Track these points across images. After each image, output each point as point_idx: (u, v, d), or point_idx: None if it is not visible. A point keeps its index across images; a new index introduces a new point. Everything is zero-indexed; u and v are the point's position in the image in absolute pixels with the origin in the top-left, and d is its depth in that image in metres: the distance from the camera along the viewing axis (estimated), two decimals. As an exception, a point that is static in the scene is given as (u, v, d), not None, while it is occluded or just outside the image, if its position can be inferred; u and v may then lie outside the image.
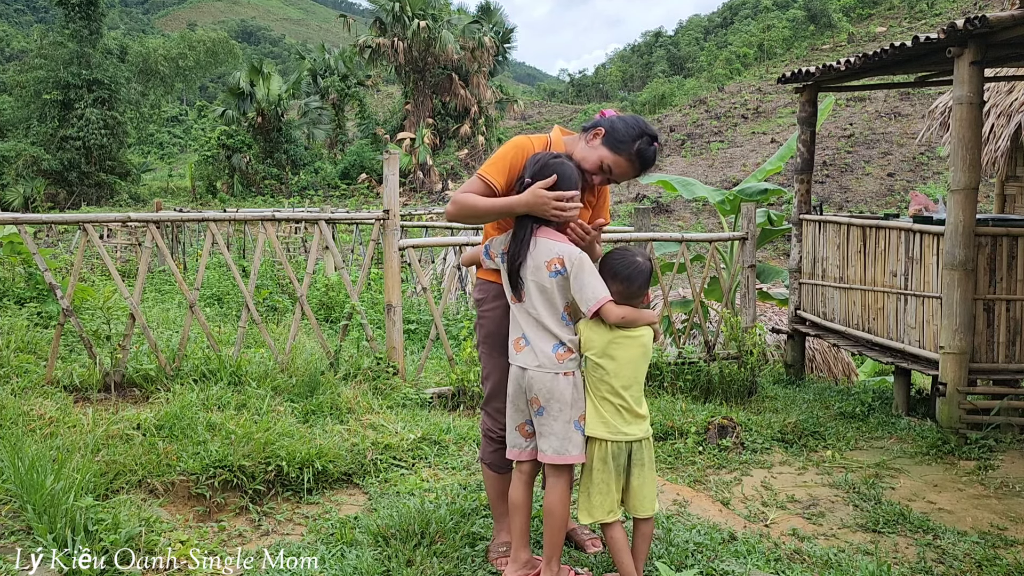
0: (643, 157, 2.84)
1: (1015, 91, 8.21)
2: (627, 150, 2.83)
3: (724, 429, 4.91)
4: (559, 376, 2.72)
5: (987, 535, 3.68)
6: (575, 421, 2.73)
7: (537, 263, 2.72)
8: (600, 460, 2.75)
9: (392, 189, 5.56)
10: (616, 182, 2.94)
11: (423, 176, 40.98)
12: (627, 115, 2.94)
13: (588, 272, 2.69)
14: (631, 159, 2.83)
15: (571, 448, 2.73)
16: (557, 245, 2.73)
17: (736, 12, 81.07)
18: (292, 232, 15.66)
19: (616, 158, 2.84)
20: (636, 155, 2.83)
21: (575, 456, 2.73)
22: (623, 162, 2.84)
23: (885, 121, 37.32)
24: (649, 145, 2.85)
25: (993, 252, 5.39)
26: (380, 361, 5.49)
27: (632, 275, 2.78)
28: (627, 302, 2.78)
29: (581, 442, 2.75)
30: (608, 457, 2.75)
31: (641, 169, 2.88)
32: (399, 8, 40.19)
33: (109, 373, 4.89)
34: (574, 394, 2.74)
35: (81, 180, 39.03)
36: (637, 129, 2.85)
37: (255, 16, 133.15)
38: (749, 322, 6.55)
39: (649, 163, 2.87)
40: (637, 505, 2.81)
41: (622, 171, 2.87)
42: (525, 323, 2.77)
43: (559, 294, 2.73)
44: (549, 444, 2.73)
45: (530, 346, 2.75)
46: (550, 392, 2.71)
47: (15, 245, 7.61)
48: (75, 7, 38.31)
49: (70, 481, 3.00)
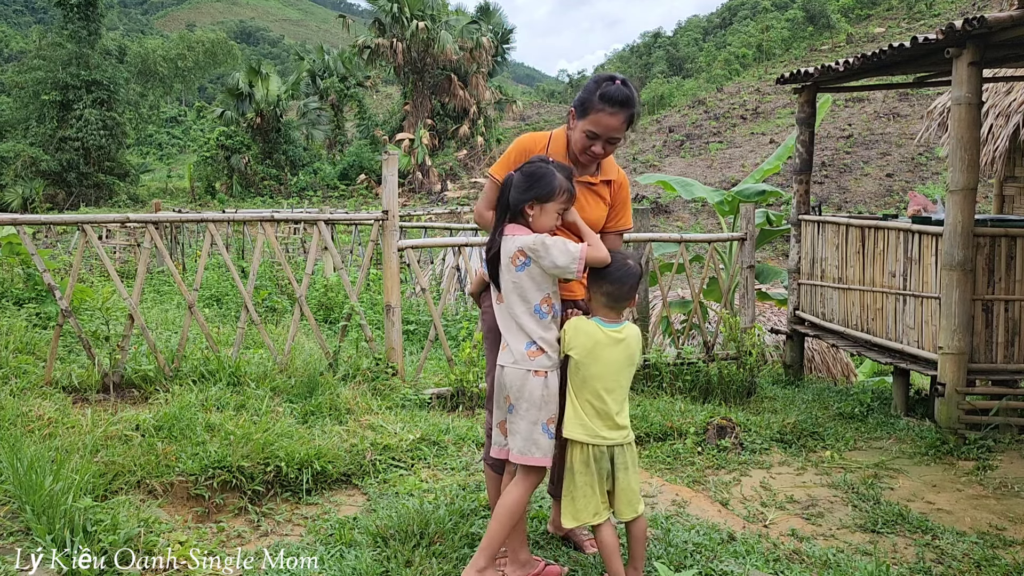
0: (610, 97, 2.79)
1: (1014, 91, 8.22)
2: (593, 104, 2.82)
3: (723, 429, 4.91)
4: (529, 374, 2.71)
5: (986, 535, 3.68)
6: (543, 423, 2.71)
7: (505, 261, 2.74)
8: (582, 463, 2.75)
9: (391, 190, 5.56)
10: (615, 141, 2.87)
11: (422, 177, 40.98)
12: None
13: (552, 244, 2.67)
14: (602, 108, 2.80)
15: (534, 450, 2.71)
16: (518, 238, 2.72)
17: (735, 13, 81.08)
18: (291, 233, 15.66)
19: (593, 118, 2.82)
20: (602, 100, 2.79)
21: (538, 459, 2.71)
22: (599, 117, 2.81)
23: (884, 121, 37.33)
24: (611, 84, 2.82)
25: (992, 252, 5.39)
26: (379, 362, 5.49)
27: (622, 277, 2.77)
28: (616, 304, 2.79)
29: (547, 446, 2.72)
30: (590, 460, 2.74)
31: (619, 110, 2.80)
32: (398, 9, 40.19)
33: (108, 374, 4.88)
34: (544, 395, 2.71)
35: (80, 181, 39.04)
36: (593, 83, 2.87)
37: (254, 17, 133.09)
38: (748, 322, 6.55)
39: (619, 99, 2.80)
40: (623, 508, 2.80)
41: (605, 126, 2.82)
42: (504, 322, 2.79)
43: (530, 286, 2.71)
44: (515, 443, 2.74)
45: (508, 344, 2.77)
46: (520, 390, 2.71)
47: (14, 246, 7.61)
48: (74, 8, 38.32)
49: (69, 482, 3.00)
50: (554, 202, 2.69)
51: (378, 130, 45.23)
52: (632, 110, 2.83)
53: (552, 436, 2.73)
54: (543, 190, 2.68)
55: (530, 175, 2.70)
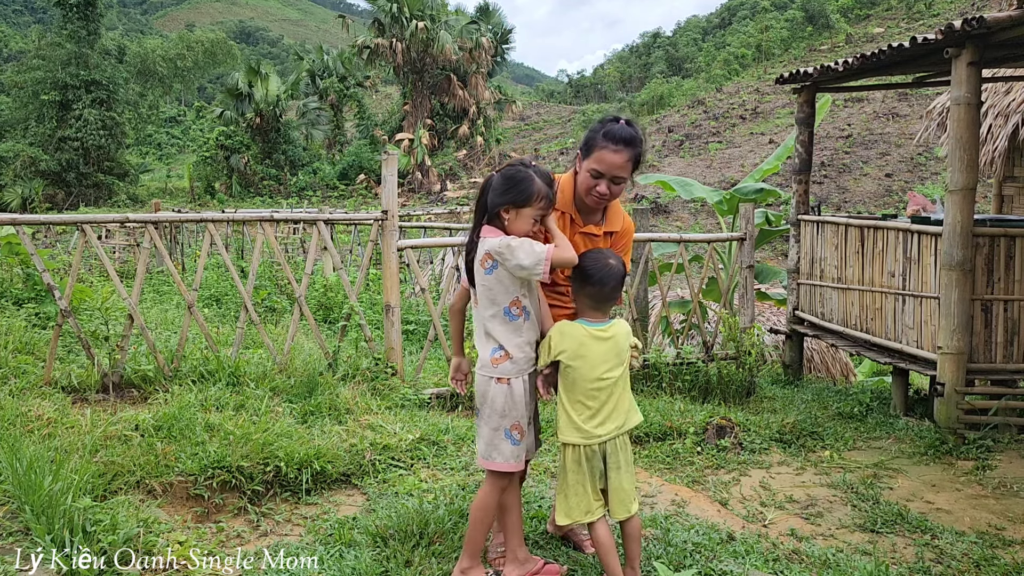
0: (614, 135, 2.83)
1: (1013, 91, 8.22)
2: (597, 142, 2.85)
3: (722, 429, 4.91)
4: (492, 381, 2.71)
5: (985, 535, 3.68)
6: (505, 430, 2.71)
7: (476, 265, 2.74)
8: (574, 462, 2.76)
9: (390, 190, 5.56)
10: (620, 181, 2.88)
11: (421, 177, 40.98)
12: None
13: (518, 245, 2.65)
14: (606, 145, 2.83)
15: (495, 455, 2.72)
16: (487, 241, 2.70)
17: (734, 13, 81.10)
18: (290, 233, 15.66)
19: (597, 155, 2.84)
20: (606, 137, 2.83)
21: (499, 464, 2.72)
22: (603, 155, 2.84)
23: (883, 122, 37.35)
24: (615, 124, 2.86)
25: (991, 252, 5.39)
26: (378, 362, 5.49)
27: (604, 278, 2.76)
28: (600, 305, 2.79)
29: (509, 452, 2.72)
30: (582, 459, 2.75)
31: (623, 148, 2.83)
32: (397, 9, 40.19)
33: (107, 374, 4.88)
34: (506, 403, 2.71)
35: (79, 181, 39.03)
36: (599, 123, 2.92)
37: (253, 17, 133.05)
38: (747, 322, 6.56)
39: (623, 137, 2.83)
40: (616, 507, 2.80)
41: (609, 163, 2.84)
42: (476, 327, 2.80)
43: (499, 289, 2.70)
44: (479, 445, 2.79)
45: (478, 349, 2.79)
46: (483, 396, 2.74)
47: (13, 246, 7.60)
48: (73, 8, 38.31)
49: (68, 482, 3.00)
50: (531, 207, 2.66)
51: (377, 130, 45.23)
52: (637, 150, 2.85)
53: (516, 442, 2.73)
54: (520, 195, 2.66)
55: (509, 178, 2.68)
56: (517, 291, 2.71)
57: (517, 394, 2.72)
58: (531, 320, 2.77)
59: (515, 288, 2.71)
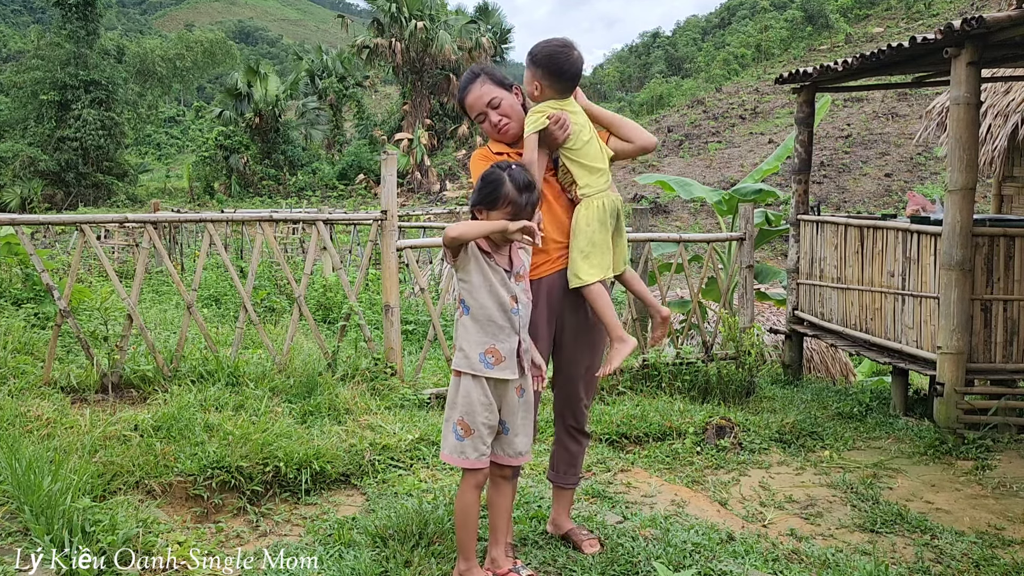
0: (460, 84, 3.01)
1: (1012, 91, 8.22)
2: (460, 97, 3.02)
3: (722, 429, 4.91)
4: (452, 372, 2.80)
5: (984, 535, 3.68)
6: (453, 423, 2.74)
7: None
8: (599, 222, 2.93)
9: (390, 190, 5.56)
10: (496, 103, 2.95)
11: (421, 177, 40.97)
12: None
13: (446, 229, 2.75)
14: (463, 95, 2.99)
15: (444, 447, 2.79)
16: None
17: (734, 13, 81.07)
18: (290, 233, 15.67)
19: (466, 106, 2.99)
20: (460, 91, 2.99)
21: (443, 455, 2.79)
22: (467, 103, 2.98)
23: (883, 121, 37.35)
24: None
25: (990, 252, 5.40)
26: (378, 362, 5.49)
27: (562, 66, 2.91)
28: (562, 85, 2.94)
29: (451, 447, 2.74)
30: (605, 217, 2.94)
31: (472, 85, 2.97)
32: (396, 9, 40.19)
33: (107, 374, 4.88)
34: (454, 396, 2.76)
35: (78, 181, 39.01)
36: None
37: (252, 17, 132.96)
38: (747, 322, 6.56)
39: (466, 80, 2.97)
40: (619, 262, 3.06)
41: (471, 104, 2.97)
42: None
43: (454, 282, 2.82)
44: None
45: None
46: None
47: (12, 246, 7.60)
48: (72, 8, 38.29)
49: (67, 482, 2.99)
50: (498, 211, 2.68)
51: (377, 130, 45.23)
52: (484, 76, 2.99)
53: (460, 438, 2.73)
54: (488, 198, 2.70)
55: (483, 180, 2.73)
56: (460, 286, 2.78)
57: (464, 390, 2.73)
58: (469, 314, 2.75)
59: (455, 282, 2.81)
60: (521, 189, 2.67)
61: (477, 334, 2.73)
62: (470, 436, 2.72)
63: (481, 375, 2.72)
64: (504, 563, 2.87)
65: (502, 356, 2.72)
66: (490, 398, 2.73)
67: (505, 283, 2.74)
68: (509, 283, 2.75)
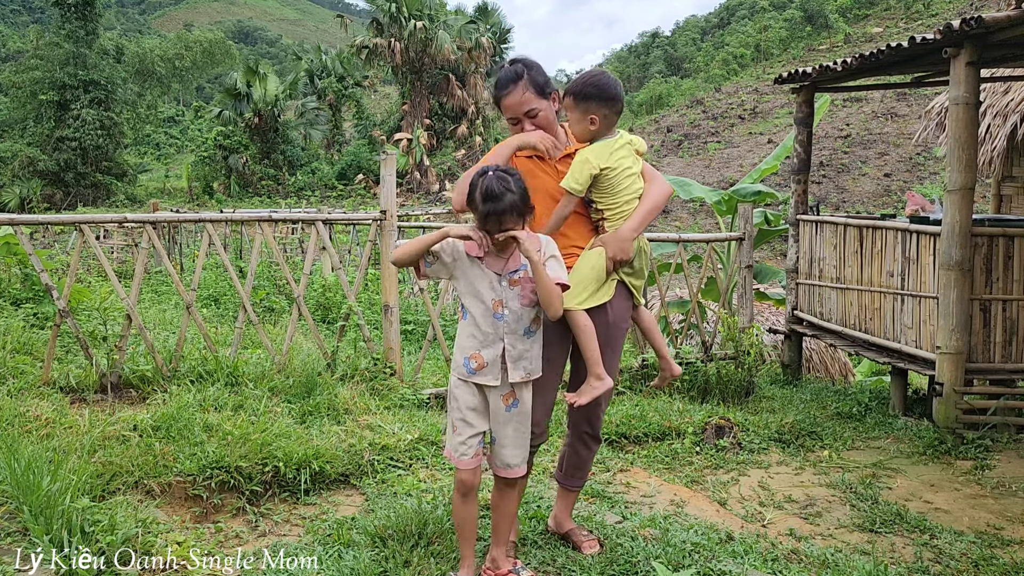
0: (497, 83, 3.00)
1: (1011, 91, 8.23)
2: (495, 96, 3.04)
3: (721, 429, 4.91)
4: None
5: (984, 535, 3.69)
6: (450, 422, 2.80)
7: None
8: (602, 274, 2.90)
9: (389, 190, 5.55)
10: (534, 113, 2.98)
11: (420, 177, 40.94)
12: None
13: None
14: (499, 96, 2.98)
15: (445, 443, 2.83)
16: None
17: (733, 13, 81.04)
18: (289, 233, 15.66)
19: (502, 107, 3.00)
20: (496, 88, 2.99)
21: (446, 452, 2.83)
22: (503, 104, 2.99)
23: (882, 121, 37.35)
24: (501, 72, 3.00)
25: (989, 252, 5.40)
26: (377, 362, 5.49)
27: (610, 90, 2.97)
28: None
29: (451, 445, 2.77)
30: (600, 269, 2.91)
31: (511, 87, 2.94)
32: (396, 8, 40.15)
33: (106, 374, 4.88)
34: (448, 396, 2.82)
35: (77, 181, 38.96)
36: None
37: (252, 16, 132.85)
38: (746, 322, 6.56)
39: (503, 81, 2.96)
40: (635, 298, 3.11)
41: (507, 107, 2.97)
42: None
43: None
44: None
45: None
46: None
47: (11, 246, 7.60)
48: (71, 8, 38.24)
49: (66, 482, 2.99)
50: (474, 214, 2.71)
51: (376, 130, 45.19)
52: (523, 80, 2.94)
53: (455, 438, 2.76)
54: (468, 200, 2.74)
55: (469, 183, 2.76)
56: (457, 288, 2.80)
57: (454, 393, 2.79)
58: (468, 326, 2.75)
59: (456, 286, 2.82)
60: (485, 198, 2.59)
61: (466, 338, 2.75)
62: (457, 434, 2.77)
63: (465, 379, 2.75)
64: (504, 564, 2.87)
65: (484, 362, 2.70)
66: (477, 402, 2.76)
67: (493, 287, 2.70)
68: (499, 287, 2.70)
